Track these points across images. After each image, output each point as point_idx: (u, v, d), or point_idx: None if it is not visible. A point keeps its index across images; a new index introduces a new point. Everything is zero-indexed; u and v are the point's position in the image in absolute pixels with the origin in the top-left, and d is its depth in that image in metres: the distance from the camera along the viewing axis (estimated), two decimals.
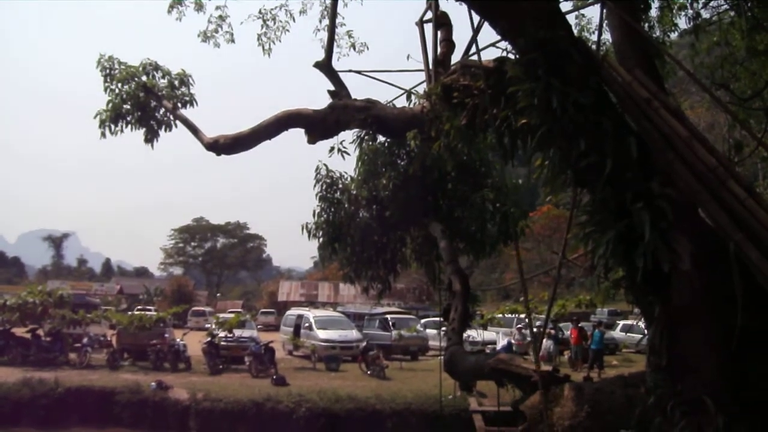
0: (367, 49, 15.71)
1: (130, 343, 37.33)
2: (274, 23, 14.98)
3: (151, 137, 13.25)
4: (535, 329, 42.18)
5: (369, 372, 34.87)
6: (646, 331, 5.90)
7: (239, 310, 73.03)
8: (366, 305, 60.81)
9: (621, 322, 53.82)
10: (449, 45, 11.06)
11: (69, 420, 27.22)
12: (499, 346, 36.10)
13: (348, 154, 11.72)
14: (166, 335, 37.45)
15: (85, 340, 35.71)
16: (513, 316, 49.27)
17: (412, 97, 11.71)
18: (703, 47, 14.79)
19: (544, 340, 36.75)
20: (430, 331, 45.12)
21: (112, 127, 12.94)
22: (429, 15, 11.81)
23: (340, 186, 12.16)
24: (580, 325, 39.81)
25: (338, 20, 13.90)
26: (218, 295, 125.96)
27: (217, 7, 15.00)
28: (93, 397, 28.20)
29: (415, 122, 9.93)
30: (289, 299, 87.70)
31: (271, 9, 14.97)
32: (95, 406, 27.77)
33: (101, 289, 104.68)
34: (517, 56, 6.48)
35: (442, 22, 11.26)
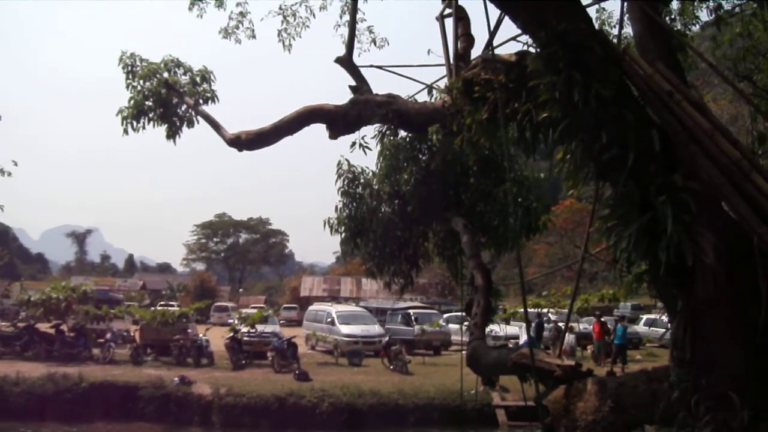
0: (388, 44, 15.73)
1: (153, 339, 37.48)
2: (295, 19, 15.01)
3: (173, 133, 13.35)
4: (552, 324, 42.04)
5: (392, 367, 34.92)
6: (669, 326, 5.87)
7: (262, 305, 73.28)
8: (388, 300, 60.85)
9: (644, 317, 53.68)
10: (468, 39, 11.04)
11: (92, 415, 27.38)
12: (521, 341, 35.99)
13: (369, 149, 11.75)
14: (189, 331, 37.62)
15: (108, 335, 35.94)
16: (536, 310, 49.23)
17: (434, 91, 11.71)
18: (725, 39, 14.64)
19: (567, 335, 36.69)
20: (453, 326, 45.11)
21: (135, 123, 13.06)
22: (449, 10, 11.79)
23: (362, 181, 12.19)
24: (602, 319, 39.67)
25: (359, 15, 13.93)
26: (241, 290, 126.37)
27: (238, 4, 15.05)
28: (116, 392, 28.35)
29: (437, 117, 9.91)
30: (312, 294, 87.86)
31: (292, 5, 15.00)
32: (119, 400, 27.93)
33: (124, 284, 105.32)
34: (538, 50, 6.46)
35: (460, 16, 11.24)
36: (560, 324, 41.76)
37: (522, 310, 46.65)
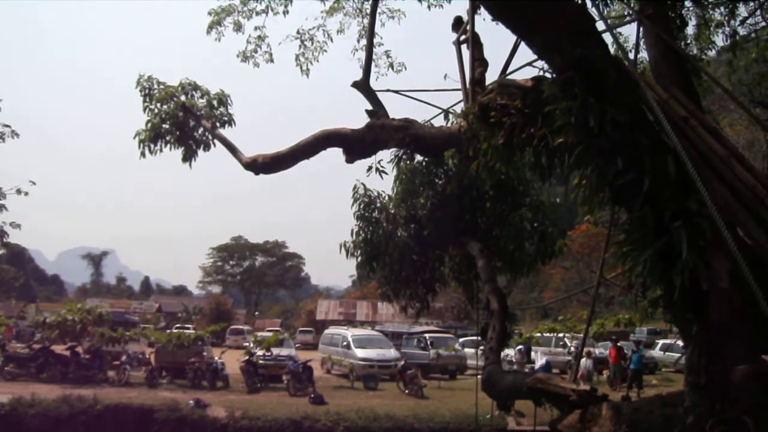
0: (405, 69, 15.76)
1: (169, 361, 37.41)
2: (312, 43, 15.10)
3: (189, 156, 13.44)
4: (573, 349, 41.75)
5: (407, 391, 34.78)
6: (684, 350, 5.87)
7: (277, 328, 73.14)
8: (404, 324, 60.70)
9: (660, 341, 53.34)
10: (482, 64, 11.09)
11: None
12: (537, 366, 35.81)
13: (386, 173, 11.77)
14: (205, 353, 37.48)
15: (123, 357, 35.90)
16: (551, 335, 49.08)
17: (450, 116, 11.74)
18: (741, 64, 14.65)
19: (583, 360, 36.47)
20: (469, 350, 44.95)
21: (152, 146, 13.15)
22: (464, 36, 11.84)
23: (378, 205, 12.21)
24: (618, 344, 39.45)
25: (376, 40, 13.98)
26: (256, 313, 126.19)
27: (256, 28, 15.16)
28: (131, 414, 28.26)
29: (453, 141, 9.94)
30: (328, 318, 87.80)
31: (309, 29, 15.10)
32: (134, 423, 27.81)
33: (140, 307, 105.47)
34: (554, 75, 6.50)
35: (474, 41, 11.30)
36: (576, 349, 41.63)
37: (537, 334, 46.49)
